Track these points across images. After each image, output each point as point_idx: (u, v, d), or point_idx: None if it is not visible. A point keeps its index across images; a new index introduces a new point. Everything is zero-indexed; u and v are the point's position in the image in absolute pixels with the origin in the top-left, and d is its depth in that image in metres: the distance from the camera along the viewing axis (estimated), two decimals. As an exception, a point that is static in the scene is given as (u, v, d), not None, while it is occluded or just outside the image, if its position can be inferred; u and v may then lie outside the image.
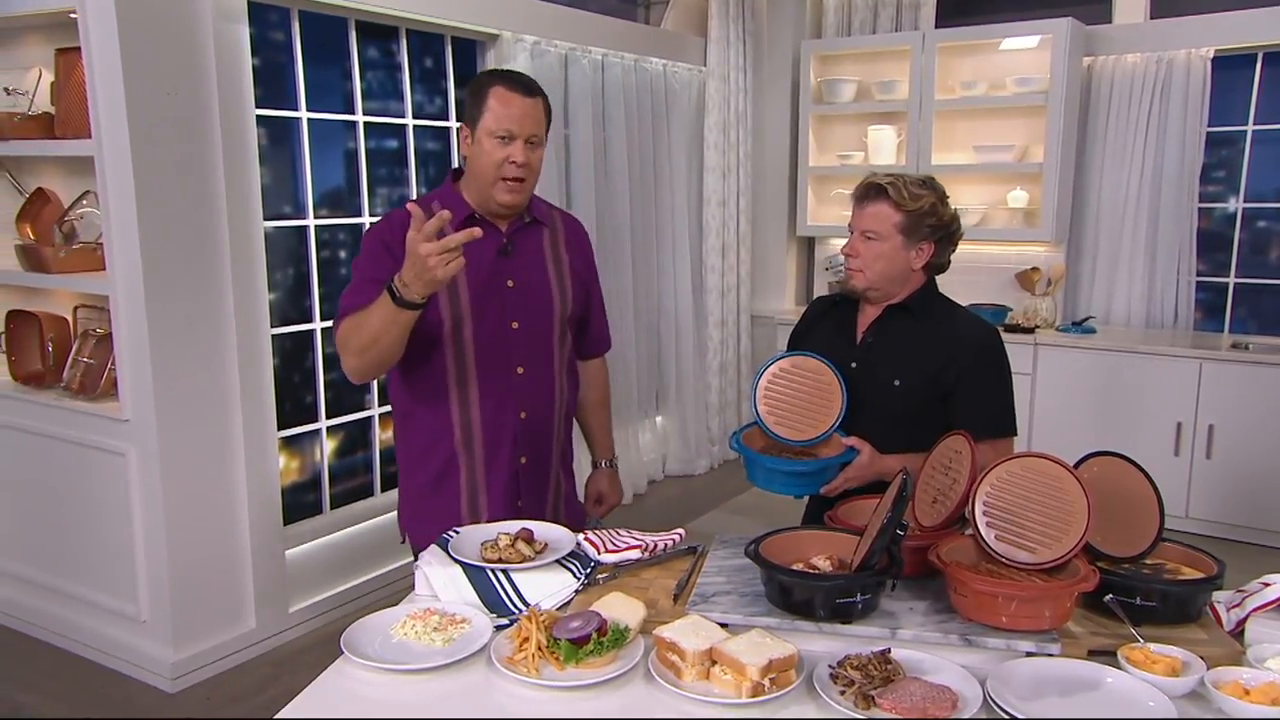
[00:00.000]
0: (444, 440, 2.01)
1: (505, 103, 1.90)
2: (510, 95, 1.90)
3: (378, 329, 1.79)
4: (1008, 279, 4.90)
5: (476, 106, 1.93)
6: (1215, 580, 1.52)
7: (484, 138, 1.91)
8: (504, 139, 1.90)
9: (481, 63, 4.10)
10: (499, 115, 1.90)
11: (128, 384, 2.95)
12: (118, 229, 2.86)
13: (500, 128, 1.89)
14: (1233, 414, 4.10)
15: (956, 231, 2.03)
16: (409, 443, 2.08)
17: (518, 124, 1.90)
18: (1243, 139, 4.58)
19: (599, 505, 2.31)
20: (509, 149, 1.90)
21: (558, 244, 2.11)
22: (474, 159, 1.95)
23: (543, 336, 2.05)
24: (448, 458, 2.02)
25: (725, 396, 5.38)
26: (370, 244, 1.98)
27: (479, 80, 1.97)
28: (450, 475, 2.03)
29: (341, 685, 1.39)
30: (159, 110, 2.83)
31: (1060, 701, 1.30)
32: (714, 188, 5.13)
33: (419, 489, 2.07)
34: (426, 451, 2.04)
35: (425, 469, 2.05)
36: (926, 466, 1.74)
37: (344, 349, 1.88)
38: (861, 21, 5.28)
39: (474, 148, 1.94)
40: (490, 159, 1.91)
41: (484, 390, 2.00)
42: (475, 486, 2.04)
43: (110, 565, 3.11)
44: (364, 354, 1.84)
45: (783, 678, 1.35)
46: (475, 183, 1.97)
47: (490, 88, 1.92)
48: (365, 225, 3.73)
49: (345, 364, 1.91)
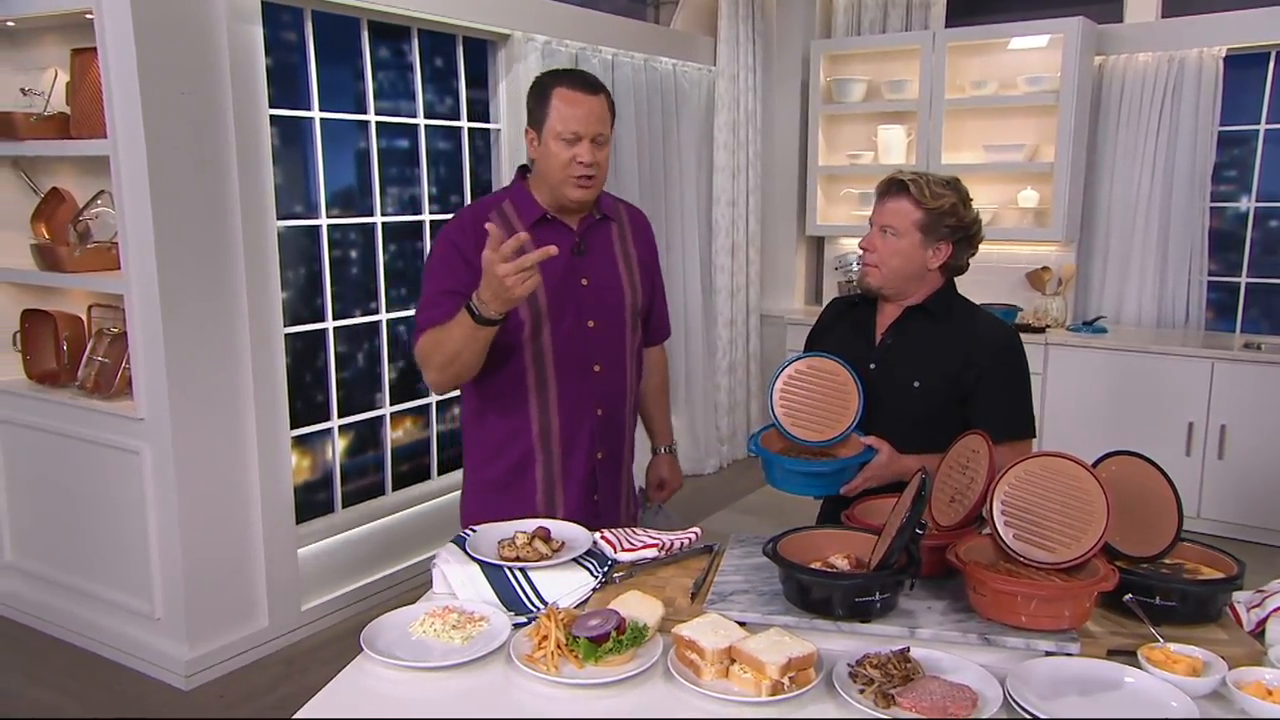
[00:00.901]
0: (521, 438, 2.03)
1: (570, 103, 1.90)
2: (574, 95, 1.91)
3: (459, 345, 1.82)
4: (1018, 279, 4.89)
5: (541, 109, 1.93)
6: (1235, 580, 1.51)
7: (550, 140, 1.92)
8: (570, 140, 1.91)
9: (492, 62, 4.11)
10: (564, 117, 1.90)
11: (142, 382, 2.96)
12: (133, 228, 2.87)
13: (566, 129, 1.90)
14: (1245, 414, 4.09)
15: (977, 235, 2.03)
16: (482, 439, 2.09)
17: (583, 124, 1.90)
18: (1255, 138, 4.57)
19: (661, 490, 2.33)
20: (575, 149, 1.91)
21: (625, 238, 2.13)
22: (542, 161, 1.96)
23: (617, 333, 2.08)
24: (524, 454, 2.04)
25: (735, 396, 5.38)
26: (442, 249, 1.98)
27: (541, 82, 1.97)
28: (526, 471, 2.05)
29: (361, 682, 1.40)
30: (174, 110, 2.84)
31: (1081, 701, 1.30)
32: (723, 187, 5.13)
33: (491, 483, 2.08)
34: (500, 448, 2.05)
35: (497, 465, 2.06)
36: (944, 466, 1.74)
37: (426, 365, 1.91)
38: (871, 21, 5.28)
39: (541, 150, 1.95)
40: (558, 160, 1.92)
41: (563, 390, 2.02)
42: (552, 482, 2.06)
43: (125, 563, 3.12)
44: (446, 369, 1.88)
45: (802, 676, 1.35)
46: (545, 184, 1.98)
47: (553, 89, 1.92)
48: (377, 225, 3.74)
49: (427, 378, 1.95)
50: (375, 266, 3.76)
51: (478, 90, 4.12)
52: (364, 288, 3.78)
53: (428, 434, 4.06)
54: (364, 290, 3.78)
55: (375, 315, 3.78)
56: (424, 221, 3.95)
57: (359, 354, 3.82)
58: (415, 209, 3.93)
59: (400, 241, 3.91)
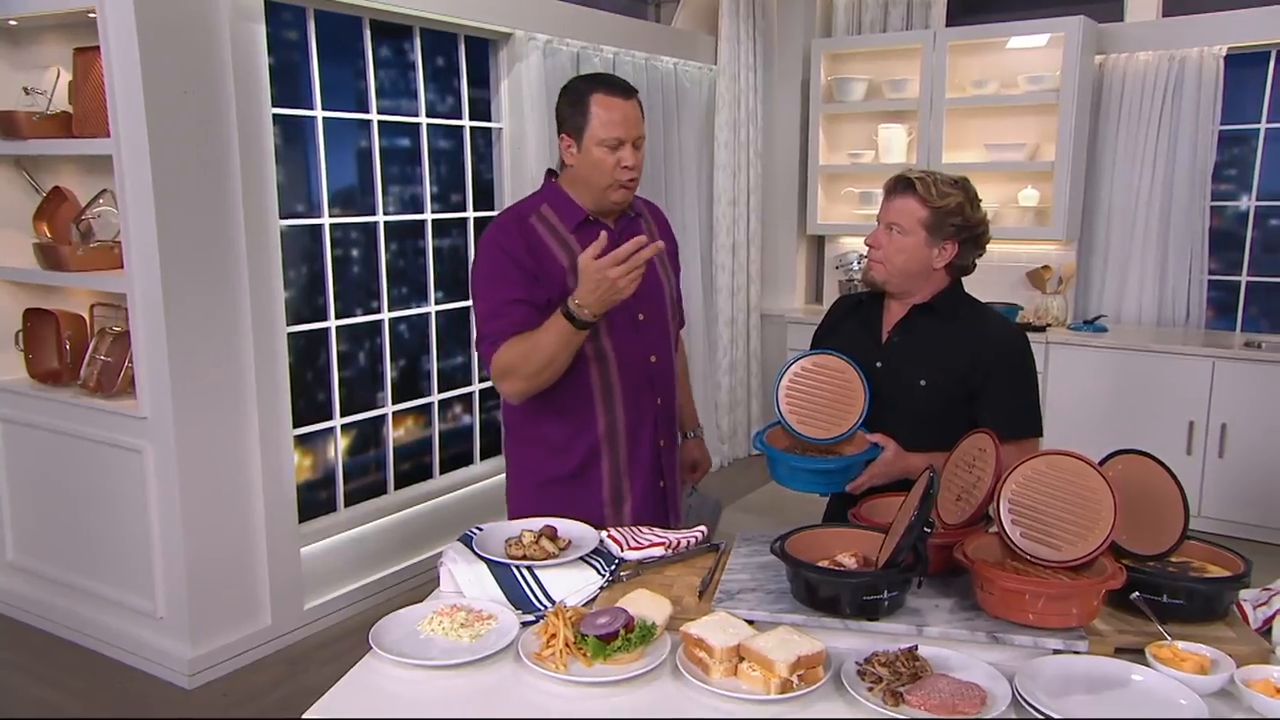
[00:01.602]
0: (585, 435, 2.05)
1: (610, 109, 1.93)
2: (613, 100, 1.93)
3: (554, 351, 1.86)
4: (1019, 277, 4.90)
5: (579, 116, 1.94)
6: (1243, 578, 1.52)
7: (593, 147, 1.94)
8: (614, 145, 1.93)
9: (494, 62, 4.11)
10: (606, 123, 1.92)
11: (145, 381, 2.96)
12: (135, 227, 2.87)
13: (610, 135, 1.93)
14: (1245, 413, 4.10)
15: (984, 236, 2.03)
16: (539, 439, 2.08)
17: (624, 129, 1.93)
18: (1255, 137, 4.57)
19: (694, 472, 2.37)
20: (619, 154, 1.94)
21: (652, 231, 2.16)
22: (584, 168, 1.97)
23: (663, 322, 2.13)
24: (589, 451, 2.06)
25: (735, 395, 5.38)
26: (493, 257, 1.98)
27: (575, 89, 1.98)
28: (592, 466, 2.07)
29: (370, 680, 1.40)
30: (177, 109, 2.84)
31: (1089, 699, 1.31)
32: (724, 186, 5.13)
33: (553, 481, 2.08)
34: (563, 447, 2.07)
35: (559, 463, 2.07)
36: (950, 464, 1.74)
37: (510, 375, 1.92)
38: (872, 20, 5.28)
39: (582, 157, 1.97)
40: (603, 166, 1.95)
41: (625, 385, 2.06)
42: (619, 476, 2.09)
43: (127, 562, 3.12)
44: (536, 377, 1.90)
45: (811, 674, 1.35)
46: (587, 189, 2.00)
47: (590, 95, 1.94)
48: (379, 224, 3.74)
49: (512, 388, 1.94)
50: (377, 265, 3.76)
51: (479, 89, 4.12)
52: (366, 287, 3.78)
53: (429, 433, 4.06)
54: (366, 289, 3.78)
55: (377, 314, 3.78)
56: (426, 221, 3.95)
57: (361, 353, 3.82)
58: (417, 208, 3.93)
59: (402, 240, 3.91)
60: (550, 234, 2.01)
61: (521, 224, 2.00)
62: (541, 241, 2.00)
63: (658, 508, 2.18)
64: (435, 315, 4.01)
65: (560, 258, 1.99)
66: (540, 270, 1.97)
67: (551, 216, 2.02)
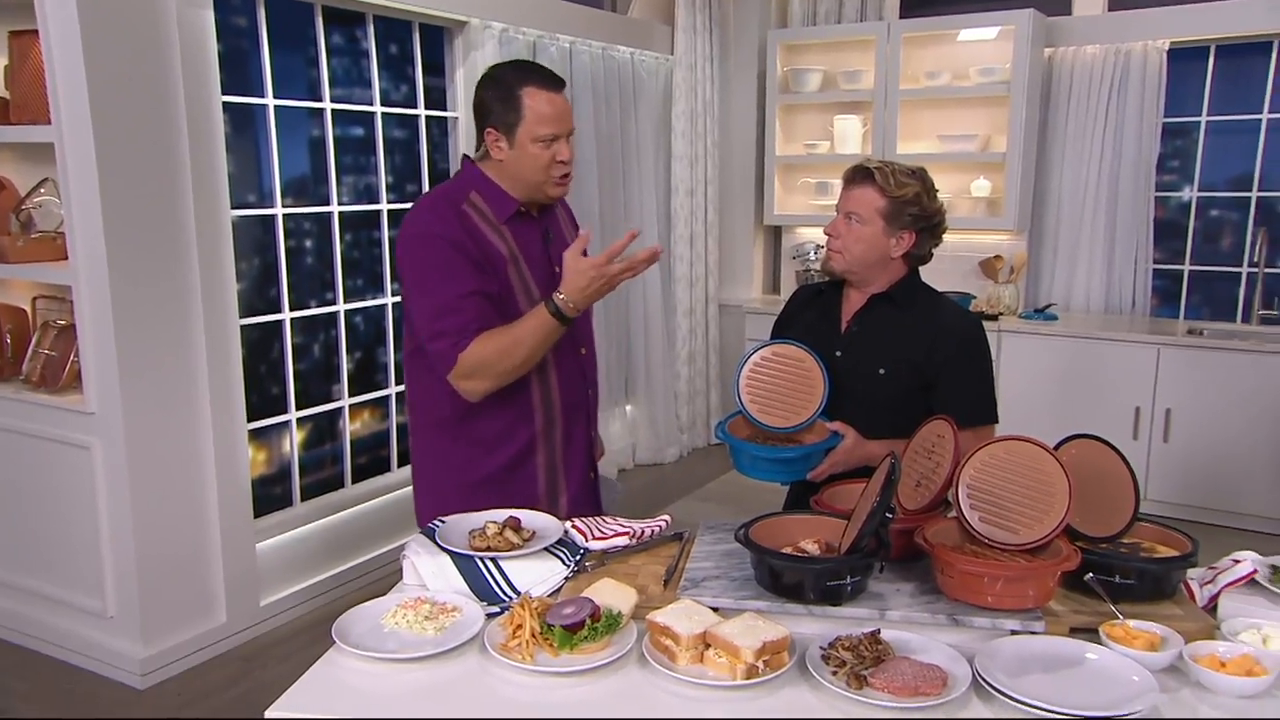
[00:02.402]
0: (521, 430, 2.01)
1: (544, 103, 1.87)
2: (548, 95, 1.88)
3: (534, 348, 1.84)
4: (971, 267, 4.99)
5: (511, 111, 1.88)
6: (1190, 558, 1.56)
7: (527, 143, 1.88)
8: (549, 140, 1.88)
9: (449, 50, 4.06)
10: (542, 118, 1.87)
11: (92, 376, 2.89)
12: (80, 217, 2.79)
13: (545, 131, 1.87)
14: (1189, 398, 4.21)
15: (940, 225, 2.06)
16: (470, 437, 2.01)
17: (559, 124, 1.89)
18: (1196, 129, 4.70)
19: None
20: (555, 148, 1.90)
21: (565, 222, 2.14)
22: (516, 163, 1.92)
23: (587, 313, 2.08)
24: (524, 446, 2.02)
25: (694, 385, 5.40)
26: (439, 251, 1.88)
27: (501, 80, 1.90)
28: (527, 461, 2.03)
29: (334, 675, 1.39)
30: (122, 96, 2.77)
31: (1046, 677, 1.34)
32: (682, 176, 5.14)
33: (483, 482, 2.01)
34: (496, 443, 2.01)
35: (490, 461, 2.02)
36: (909, 451, 1.77)
37: (479, 374, 1.86)
38: (827, 11, 5.32)
39: (515, 153, 1.90)
40: (538, 162, 1.90)
41: (562, 377, 2.04)
42: (554, 469, 2.06)
43: (75, 560, 3.05)
44: (509, 375, 1.87)
45: (776, 659, 1.36)
46: (519, 183, 1.94)
47: (522, 89, 1.87)
48: (334, 214, 3.68)
49: (476, 386, 1.87)
50: (332, 256, 3.70)
51: (434, 78, 4.07)
52: (320, 278, 3.72)
53: (386, 425, 4.02)
54: (320, 281, 3.72)
55: (333, 306, 3.72)
56: (382, 211, 3.89)
57: (315, 345, 3.76)
58: (372, 198, 3.88)
59: (356, 231, 3.85)
60: (484, 222, 1.93)
61: (457, 211, 1.92)
62: (478, 229, 1.92)
63: (592, 499, 2.17)
64: (392, 307, 3.97)
65: (499, 247, 1.93)
66: (484, 259, 1.90)
67: (483, 205, 1.94)
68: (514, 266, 1.94)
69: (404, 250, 1.94)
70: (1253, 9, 4.34)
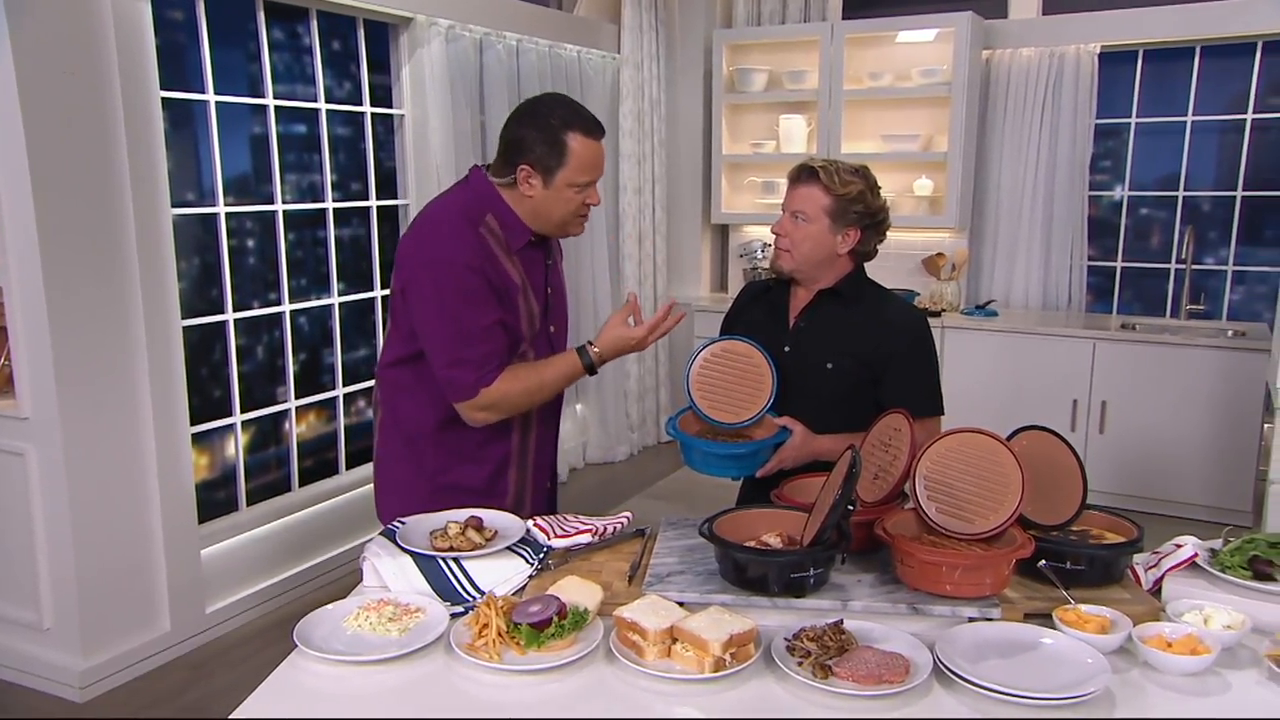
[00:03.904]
0: (497, 445, 2.04)
1: (589, 151, 1.90)
2: (592, 144, 1.91)
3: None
4: (914, 264, 5.09)
5: (554, 156, 1.87)
6: (1137, 543, 1.62)
7: (564, 187, 1.90)
8: (584, 186, 1.92)
9: (394, 47, 4.01)
10: (585, 166, 1.90)
11: (25, 380, 2.79)
12: (10, 216, 2.69)
13: (585, 179, 1.91)
14: (1123, 391, 4.36)
15: (884, 222, 2.10)
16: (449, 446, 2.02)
17: (599, 170, 1.94)
18: (1127, 131, 4.86)
19: None
20: (588, 192, 1.93)
21: (554, 245, 2.15)
22: (546, 202, 1.92)
23: (565, 335, 2.14)
24: (501, 460, 2.05)
25: (644, 383, 5.42)
26: (462, 279, 1.86)
27: (547, 125, 1.88)
28: (501, 477, 2.06)
29: (297, 680, 1.36)
30: (56, 91, 2.68)
31: (1003, 662, 1.37)
32: (630, 175, 5.14)
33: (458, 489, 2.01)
34: (473, 455, 2.03)
35: (466, 471, 2.03)
36: (867, 444, 1.80)
37: (498, 407, 1.92)
38: (771, 11, 5.37)
39: (548, 193, 1.91)
40: (570, 205, 1.93)
41: None
42: (524, 484, 2.09)
43: (8, 571, 2.94)
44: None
45: (742, 652, 1.38)
46: (540, 219, 1.95)
47: (568, 134, 1.87)
48: (278, 213, 3.60)
49: (489, 417, 1.93)
50: (276, 256, 3.63)
51: (379, 75, 4.01)
52: (264, 278, 3.64)
53: (333, 427, 3.95)
54: (264, 281, 3.64)
55: (277, 306, 3.65)
56: (327, 209, 3.83)
57: (260, 346, 3.68)
58: (315, 196, 3.81)
59: (300, 230, 3.78)
60: (499, 248, 1.93)
61: (475, 235, 1.90)
62: (494, 256, 1.92)
63: (550, 509, 2.20)
64: (338, 307, 3.90)
65: (513, 275, 1.94)
66: (500, 286, 1.91)
67: (498, 230, 1.93)
68: (523, 295, 1.97)
69: (426, 273, 1.90)
70: (1176, 15, 4.50)
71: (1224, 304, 4.81)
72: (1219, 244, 4.80)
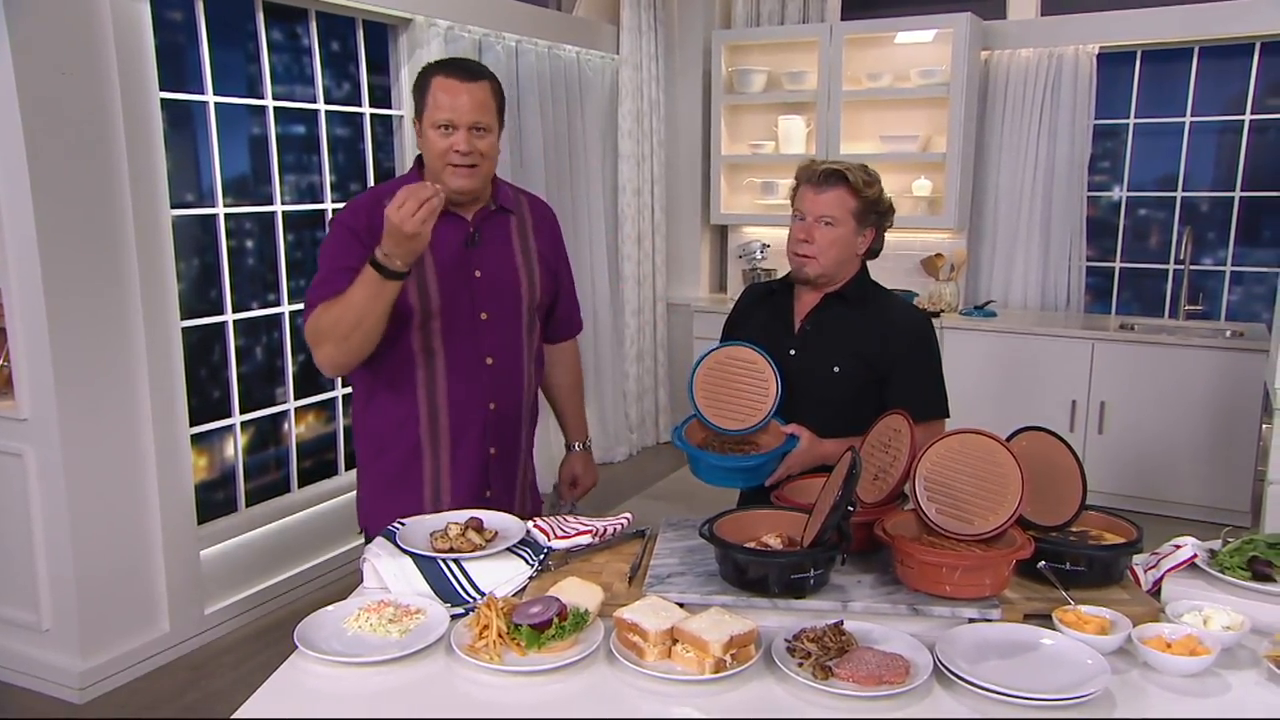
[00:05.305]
0: (407, 429, 1.99)
1: (446, 91, 1.88)
2: (451, 84, 1.88)
3: (362, 309, 1.78)
4: (913, 265, 5.09)
5: (420, 99, 1.91)
6: (1136, 544, 1.62)
7: (429, 130, 1.90)
8: (446, 129, 1.88)
9: (394, 48, 4.01)
10: (440, 105, 1.88)
11: (25, 381, 2.79)
12: (10, 217, 2.70)
13: (441, 118, 1.88)
14: (1122, 391, 4.36)
15: (890, 221, 2.11)
16: (372, 431, 2.03)
17: (457, 113, 1.88)
18: (1125, 131, 4.86)
19: (574, 488, 2.30)
20: (451, 139, 1.88)
21: (526, 231, 2.09)
22: (424, 151, 1.94)
23: (512, 327, 2.04)
24: (411, 447, 1.99)
25: (643, 384, 5.42)
26: (337, 232, 1.94)
27: (421, 71, 1.95)
28: (413, 466, 2.00)
29: (299, 681, 1.36)
30: (54, 91, 2.68)
31: (1003, 663, 1.38)
32: (629, 176, 5.14)
33: (383, 478, 2.03)
34: (390, 440, 2.00)
35: (388, 458, 2.01)
36: (866, 445, 1.80)
37: (322, 339, 1.85)
38: (770, 12, 5.37)
39: (422, 140, 1.93)
40: (435, 149, 1.90)
41: (452, 383, 1.98)
42: (439, 478, 2.01)
43: (7, 572, 2.94)
44: (347, 339, 1.82)
45: (743, 653, 1.38)
46: (430, 174, 1.94)
47: (431, 78, 1.90)
48: (277, 213, 3.61)
49: (322, 354, 1.87)
50: (275, 256, 3.63)
51: (378, 76, 4.01)
52: (263, 279, 3.64)
53: (333, 428, 3.95)
54: (263, 281, 3.64)
55: (277, 307, 3.65)
56: (326, 210, 3.83)
57: (259, 347, 3.68)
58: (314, 197, 3.81)
59: (300, 231, 3.78)
60: None
61: (374, 204, 1.88)
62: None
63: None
64: (337, 307, 3.89)
65: None
66: None
67: None
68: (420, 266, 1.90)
69: None
70: (1175, 16, 4.51)
71: (1222, 304, 4.82)
72: (1217, 244, 4.81)
